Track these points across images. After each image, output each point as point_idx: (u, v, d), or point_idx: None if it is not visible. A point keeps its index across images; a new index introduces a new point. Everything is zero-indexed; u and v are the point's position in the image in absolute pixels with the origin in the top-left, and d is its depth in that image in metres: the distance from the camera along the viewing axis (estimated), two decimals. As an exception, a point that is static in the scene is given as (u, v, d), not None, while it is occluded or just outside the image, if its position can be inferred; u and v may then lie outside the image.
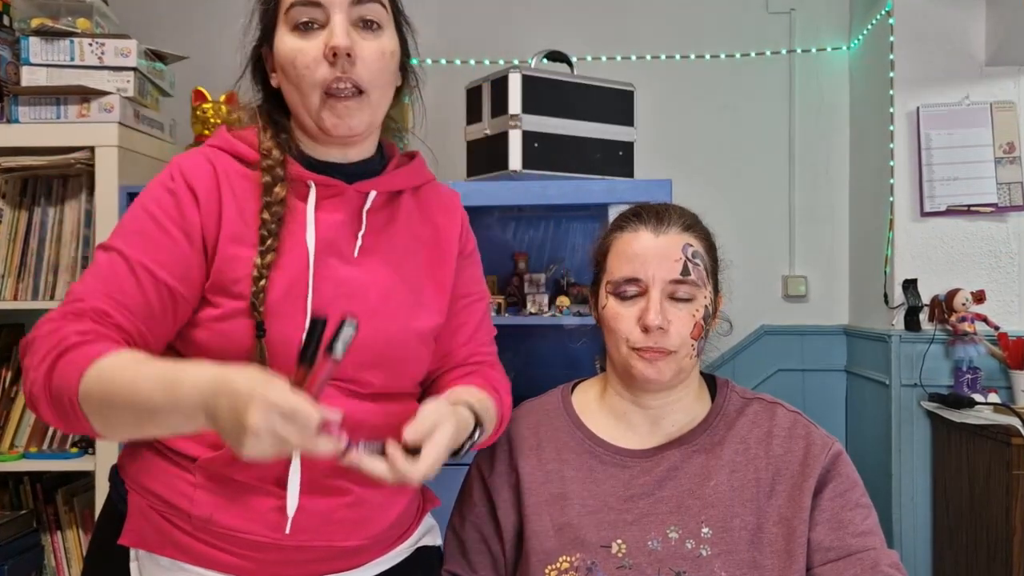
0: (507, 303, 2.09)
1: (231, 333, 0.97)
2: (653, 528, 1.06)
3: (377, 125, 1.07)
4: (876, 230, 2.56)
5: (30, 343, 0.91)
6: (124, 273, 0.94)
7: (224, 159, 1.02)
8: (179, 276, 0.96)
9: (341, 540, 1.01)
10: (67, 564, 2.05)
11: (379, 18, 1.00)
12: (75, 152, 1.93)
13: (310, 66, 0.97)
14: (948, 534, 2.34)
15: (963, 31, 2.41)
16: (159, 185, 1.00)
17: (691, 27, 2.82)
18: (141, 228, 0.97)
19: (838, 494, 1.07)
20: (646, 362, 1.08)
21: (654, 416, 1.14)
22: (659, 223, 1.11)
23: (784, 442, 1.10)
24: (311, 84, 0.98)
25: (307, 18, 0.98)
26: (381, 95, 1.03)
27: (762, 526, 1.06)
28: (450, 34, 2.81)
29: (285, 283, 0.98)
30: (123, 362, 0.86)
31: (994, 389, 2.32)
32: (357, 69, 0.98)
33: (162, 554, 0.99)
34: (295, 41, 0.98)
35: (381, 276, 1.04)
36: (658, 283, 1.08)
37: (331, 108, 0.99)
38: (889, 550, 1.06)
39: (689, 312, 1.08)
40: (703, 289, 1.09)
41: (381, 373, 1.02)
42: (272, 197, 0.99)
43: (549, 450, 1.15)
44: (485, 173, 1.97)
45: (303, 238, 1.00)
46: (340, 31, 0.96)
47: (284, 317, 0.97)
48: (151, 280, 0.95)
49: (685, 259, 1.08)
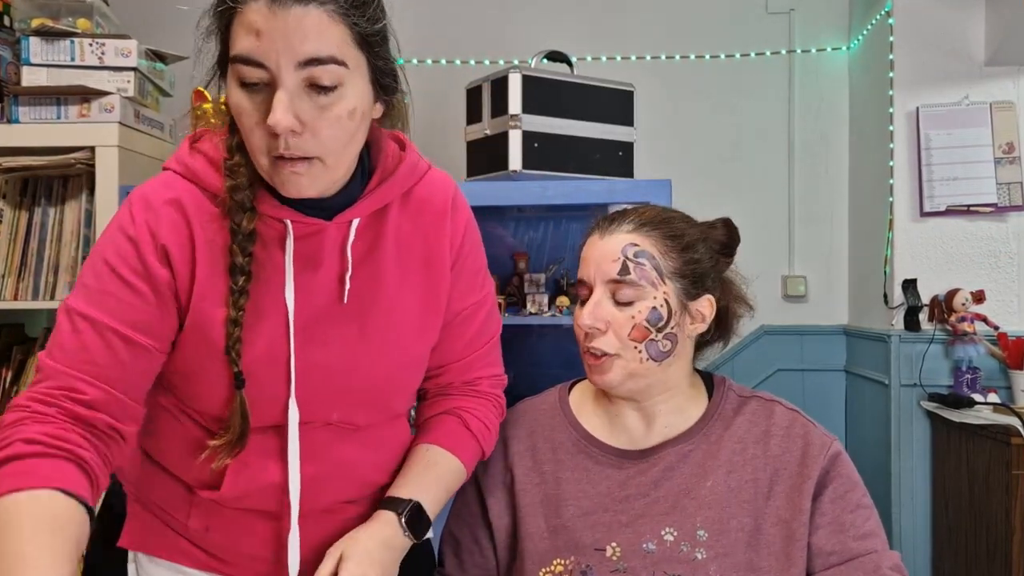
0: (507, 303, 2.10)
1: (209, 372, 0.92)
2: (648, 530, 1.05)
3: (342, 177, 0.93)
4: (876, 230, 2.57)
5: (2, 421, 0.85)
6: (92, 340, 0.87)
7: (191, 193, 0.93)
8: (149, 332, 0.90)
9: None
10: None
11: (335, 79, 0.84)
12: (75, 152, 1.93)
13: (254, 130, 0.85)
14: (948, 534, 2.34)
15: (963, 31, 2.41)
16: (121, 233, 0.91)
17: (691, 27, 2.82)
18: (104, 286, 0.89)
19: (838, 496, 1.06)
20: (591, 368, 1.09)
21: (644, 416, 1.12)
22: (609, 225, 1.10)
23: (782, 441, 1.09)
24: (257, 148, 0.86)
25: (251, 80, 0.83)
26: (339, 156, 0.88)
27: (760, 528, 1.05)
28: (450, 34, 2.81)
29: (265, 346, 0.93)
30: (15, 521, 0.77)
31: (994, 389, 2.32)
32: (304, 140, 0.84)
33: (161, 557, 1.00)
34: (240, 98, 0.85)
35: (371, 316, 0.98)
36: (599, 284, 1.08)
37: (280, 172, 0.86)
38: (891, 551, 1.05)
39: (628, 315, 1.06)
40: (651, 289, 1.06)
41: (370, 411, 1.01)
42: (242, 232, 0.90)
43: (544, 450, 1.14)
44: (485, 173, 1.98)
45: (281, 297, 0.93)
46: (280, 110, 0.81)
47: (265, 379, 0.93)
48: (121, 342, 0.88)
49: (624, 259, 1.06)
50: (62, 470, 0.81)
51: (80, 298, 0.90)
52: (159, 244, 0.90)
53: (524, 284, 2.18)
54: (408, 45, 1.32)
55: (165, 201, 0.91)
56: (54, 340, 0.89)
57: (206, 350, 0.92)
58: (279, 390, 0.93)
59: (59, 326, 0.89)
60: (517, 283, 2.20)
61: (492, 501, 1.14)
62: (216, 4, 0.86)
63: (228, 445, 0.91)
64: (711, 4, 2.82)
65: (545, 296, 2.09)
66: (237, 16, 0.83)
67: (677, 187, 1.82)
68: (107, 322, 0.88)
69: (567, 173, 1.94)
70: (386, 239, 0.99)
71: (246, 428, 0.92)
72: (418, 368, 1.06)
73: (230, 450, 0.92)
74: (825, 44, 2.81)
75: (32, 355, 2.03)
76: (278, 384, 0.93)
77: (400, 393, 1.05)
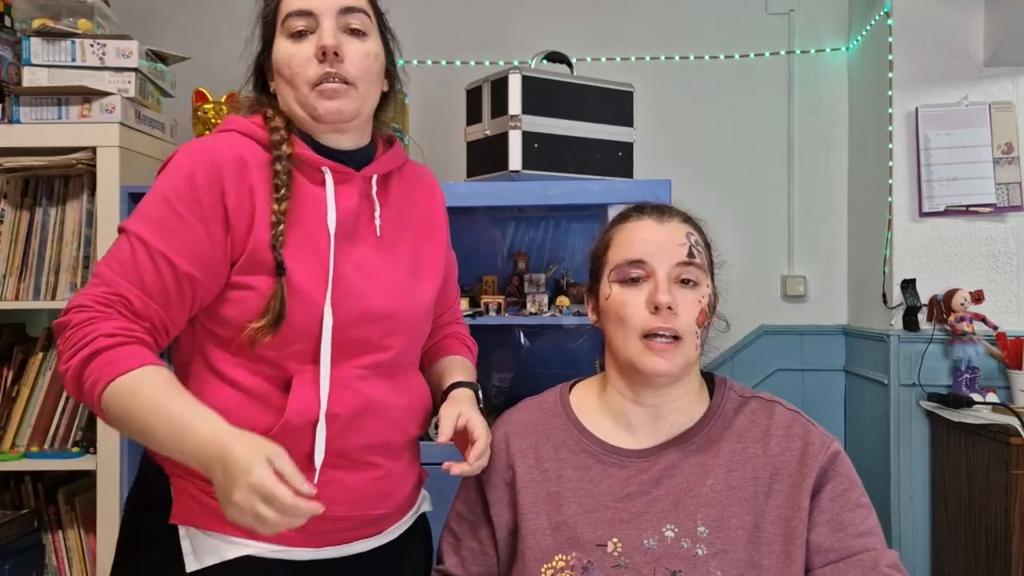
0: (507, 303, 2.10)
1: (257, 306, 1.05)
2: (649, 527, 1.06)
3: (366, 116, 1.17)
4: (875, 230, 2.57)
5: (64, 327, 0.99)
6: (145, 261, 1.02)
7: (241, 141, 1.10)
8: (197, 264, 1.03)
9: (371, 509, 1.13)
10: (68, 563, 2.05)
11: (364, 26, 1.13)
12: (76, 152, 1.94)
13: (304, 64, 1.10)
14: (947, 534, 2.34)
15: (962, 32, 2.42)
16: (178, 172, 1.05)
17: (690, 28, 2.83)
18: (161, 216, 1.04)
19: (837, 494, 1.07)
20: (656, 355, 1.07)
21: (654, 415, 1.13)
22: (661, 213, 1.14)
23: (782, 441, 1.10)
24: (304, 80, 1.10)
25: (301, 26, 1.10)
26: (367, 88, 1.13)
27: (760, 526, 1.06)
28: (450, 34, 2.81)
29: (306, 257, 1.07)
30: (145, 389, 0.95)
31: (993, 389, 2.33)
32: (344, 65, 1.10)
33: (211, 530, 1.07)
34: (290, 46, 1.11)
35: (395, 253, 1.17)
36: (664, 265, 1.08)
37: (324, 92, 1.09)
38: (889, 550, 1.06)
39: (696, 297, 1.09)
40: (706, 277, 1.11)
41: (402, 338, 1.15)
42: (281, 152, 1.09)
43: (546, 448, 1.15)
44: (485, 173, 1.98)
45: (324, 221, 1.09)
46: (328, 34, 1.09)
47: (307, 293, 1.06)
48: (170, 269, 1.02)
49: (690, 245, 1.10)
50: (143, 351, 0.99)
51: (139, 221, 1.04)
52: (214, 177, 1.05)
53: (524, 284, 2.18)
54: (408, 45, 1.33)
55: (224, 149, 1.08)
56: (112, 254, 1.04)
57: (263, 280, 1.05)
58: (318, 295, 1.06)
59: (118, 243, 1.05)
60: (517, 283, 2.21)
61: (494, 498, 1.15)
62: None
63: (267, 326, 1.04)
64: (711, 4, 2.82)
65: (545, 296, 2.10)
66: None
67: (677, 187, 1.82)
68: (159, 247, 1.02)
69: (567, 173, 1.95)
70: (393, 202, 1.20)
71: (282, 311, 1.04)
72: (429, 314, 1.23)
73: (268, 331, 1.04)
74: (824, 44, 2.82)
75: (33, 354, 2.03)
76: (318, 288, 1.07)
77: (420, 330, 1.21)
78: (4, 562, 1.86)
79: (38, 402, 2.01)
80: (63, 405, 2.01)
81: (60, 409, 2.01)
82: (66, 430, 2.01)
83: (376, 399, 1.12)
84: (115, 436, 1.92)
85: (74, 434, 2.01)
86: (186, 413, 0.94)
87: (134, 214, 1.06)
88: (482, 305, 2.05)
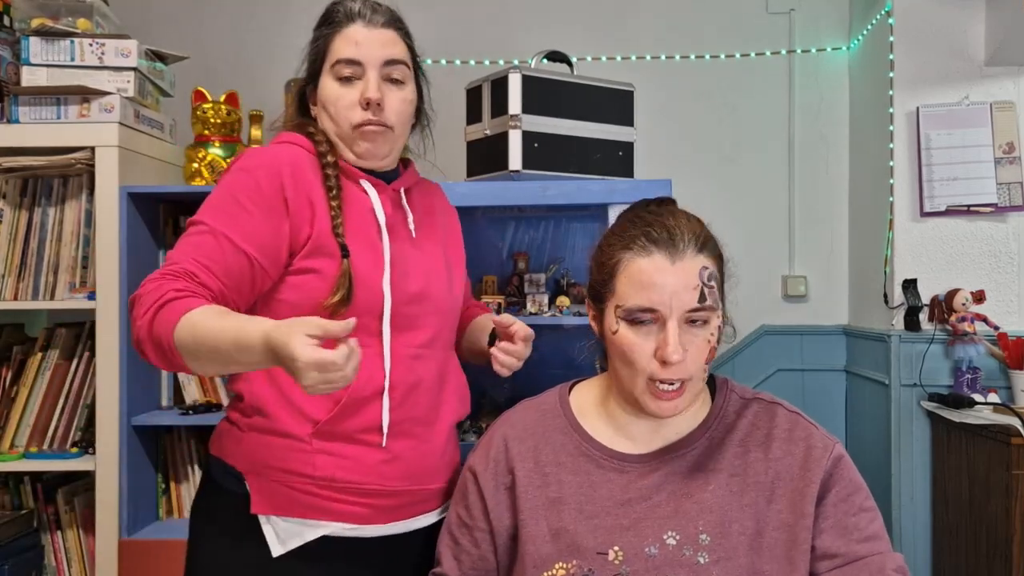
0: (507, 303, 2.09)
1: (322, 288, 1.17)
2: (651, 534, 1.05)
3: (398, 151, 1.33)
4: (876, 230, 2.57)
5: (137, 298, 1.09)
6: (210, 242, 1.14)
7: (294, 150, 1.24)
8: (259, 248, 1.16)
9: (431, 483, 1.26)
10: (67, 564, 2.05)
11: (403, 76, 1.27)
12: (75, 152, 1.93)
13: (349, 108, 1.24)
14: (948, 534, 2.34)
15: (963, 31, 2.41)
16: (240, 170, 1.20)
17: (691, 27, 2.82)
18: (226, 206, 1.17)
19: (842, 499, 1.06)
20: (663, 400, 1.05)
21: (655, 426, 1.12)
22: (673, 246, 1.05)
23: (784, 445, 1.09)
24: (347, 121, 1.25)
25: (348, 73, 1.24)
26: (401, 130, 1.30)
27: (762, 531, 1.05)
28: (450, 34, 2.81)
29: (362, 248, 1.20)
30: (206, 315, 1.04)
31: (994, 389, 2.32)
32: (384, 113, 1.25)
33: (291, 515, 1.18)
34: (337, 88, 1.25)
35: (429, 252, 1.31)
36: (676, 313, 1.03)
37: (364, 135, 1.25)
38: (894, 553, 1.05)
39: (704, 337, 1.05)
40: (718, 310, 1.06)
41: (435, 319, 1.28)
42: (327, 160, 1.23)
43: (546, 452, 1.14)
44: (485, 173, 1.97)
45: (370, 217, 1.24)
46: (373, 87, 1.23)
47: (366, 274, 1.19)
48: (233, 248, 1.14)
49: (702, 285, 1.04)
50: (204, 300, 1.09)
51: (205, 214, 1.17)
52: (277, 181, 1.18)
53: (524, 284, 2.18)
54: (408, 45, 1.33)
55: (281, 153, 1.23)
56: (179, 242, 1.16)
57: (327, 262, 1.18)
58: (376, 276, 1.20)
59: (186, 232, 1.17)
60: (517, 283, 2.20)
61: (493, 503, 1.14)
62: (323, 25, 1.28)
63: (341, 301, 1.16)
64: (711, 4, 2.82)
65: (545, 296, 2.09)
66: (339, 33, 1.26)
67: (677, 187, 1.82)
68: (223, 230, 1.14)
69: (567, 173, 1.94)
70: (418, 207, 1.35)
71: (351, 287, 1.17)
72: (459, 305, 1.37)
73: (342, 304, 1.16)
74: (825, 44, 2.81)
75: (32, 355, 2.03)
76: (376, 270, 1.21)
77: (455, 310, 1.35)
78: (3, 562, 1.86)
79: (37, 402, 2.01)
80: (62, 405, 2.01)
81: (59, 409, 2.01)
82: (65, 430, 2.01)
83: (425, 377, 1.25)
84: (114, 436, 1.92)
85: (73, 434, 2.01)
86: (239, 325, 1.02)
87: (199, 210, 1.18)
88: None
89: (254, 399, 1.20)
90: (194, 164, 2.10)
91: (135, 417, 1.97)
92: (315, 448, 1.18)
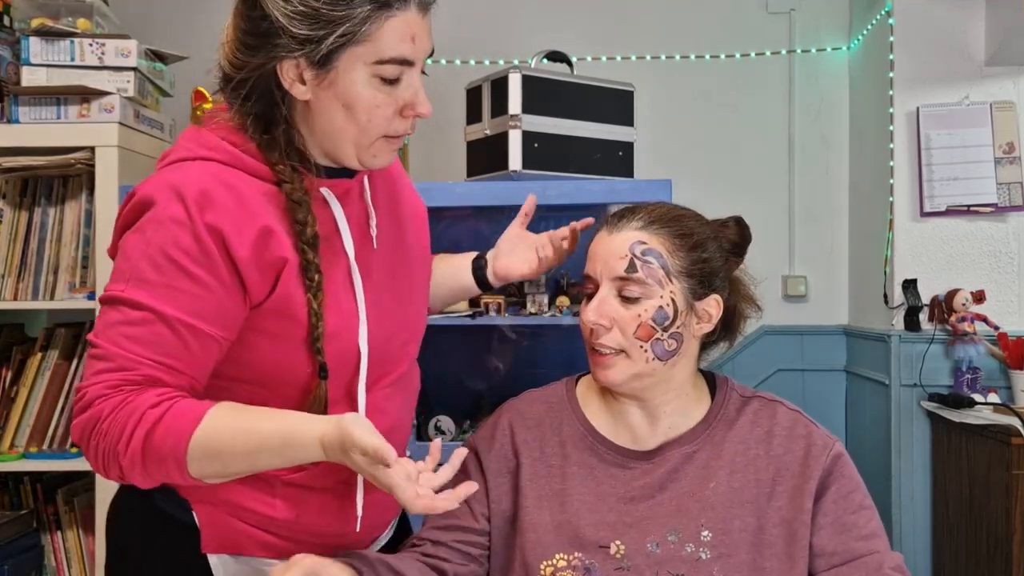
0: (507, 303, 2.09)
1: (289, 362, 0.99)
2: (653, 531, 1.05)
3: None
4: (876, 230, 2.57)
5: (95, 424, 0.89)
6: (167, 335, 0.91)
7: (234, 175, 0.96)
8: (220, 323, 0.94)
9: (390, 515, 1.19)
10: (67, 564, 2.05)
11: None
12: (75, 152, 1.93)
13: (389, 118, 0.98)
14: (948, 534, 2.34)
15: (963, 31, 2.41)
16: (175, 224, 0.92)
17: (691, 27, 2.82)
18: (169, 280, 0.91)
19: (841, 497, 1.06)
20: (599, 368, 1.09)
21: (650, 415, 1.12)
22: (618, 221, 1.10)
23: (784, 442, 1.09)
24: (379, 131, 0.98)
25: (396, 75, 0.96)
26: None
27: (763, 528, 1.05)
28: (450, 34, 2.80)
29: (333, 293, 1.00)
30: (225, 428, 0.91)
31: (994, 389, 2.32)
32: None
33: (245, 554, 1.05)
34: (376, 93, 0.96)
35: (397, 263, 1.12)
36: (605, 281, 1.08)
37: (388, 147, 1.01)
38: (893, 552, 1.05)
39: (635, 313, 1.06)
40: (658, 288, 1.06)
41: (415, 345, 1.18)
42: (304, 224, 0.97)
43: (552, 443, 1.14)
44: (485, 173, 1.98)
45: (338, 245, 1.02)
46: (423, 94, 0.98)
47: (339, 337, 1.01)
48: (193, 334, 0.92)
49: (632, 256, 1.06)
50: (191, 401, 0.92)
51: (142, 290, 0.91)
52: (220, 231, 0.92)
53: (524, 284, 2.18)
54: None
55: (212, 183, 0.94)
56: (120, 331, 0.91)
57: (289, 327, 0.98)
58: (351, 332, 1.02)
59: (119, 314, 0.91)
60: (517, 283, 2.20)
61: (495, 483, 1.13)
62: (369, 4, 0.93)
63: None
64: (711, 4, 2.82)
65: (545, 296, 2.09)
66: (394, 18, 0.93)
67: (677, 187, 1.82)
68: (177, 316, 0.91)
69: (567, 173, 1.94)
70: (382, 191, 1.13)
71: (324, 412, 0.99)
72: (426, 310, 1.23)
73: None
74: (825, 44, 2.81)
75: (32, 355, 2.03)
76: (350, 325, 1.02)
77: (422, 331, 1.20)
78: (3, 562, 1.86)
79: (37, 402, 2.01)
80: (62, 405, 2.01)
81: (59, 410, 2.01)
82: (65, 431, 2.00)
83: (398, 416, 1.13)
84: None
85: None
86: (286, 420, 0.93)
87: (123, 276, 0.92)
88: (482, 305, 2.05)
89: None
90: (194, 164, 2.09)
91: (135, 417, 1.97)
92: (278, 492, 1.04)
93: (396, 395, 1.12)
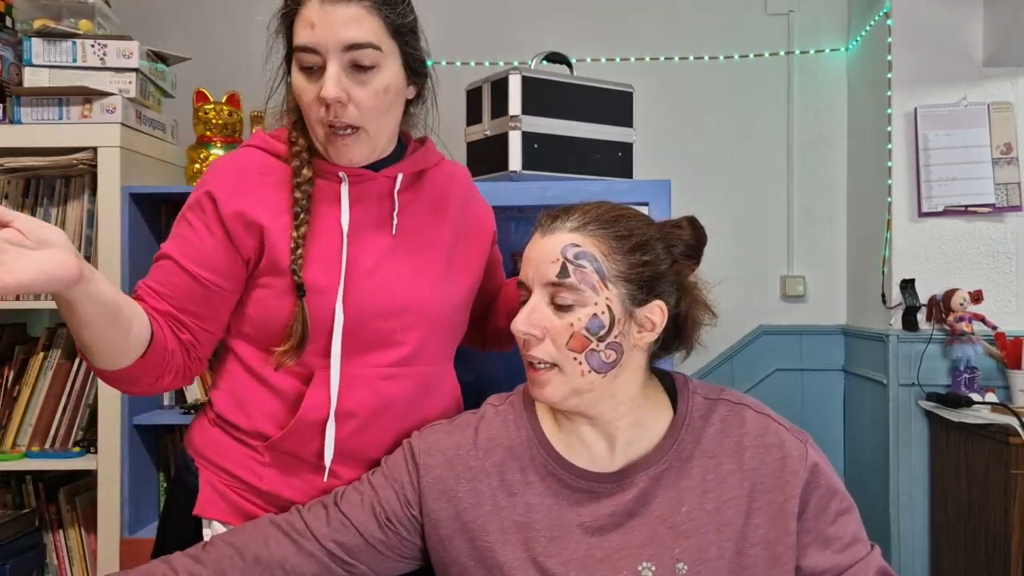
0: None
1: (279, 307, 1.09)
2: (625, 565, 0.98)
3: (384, 146, 1.15)
4: (874, 230, 2.57)
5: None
6: (165, 267, 1.10)
7: (259, 156, 1.13)
8: (213, 270, 1.09)
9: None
10: (69, 563, 2.06)
11: (372, 60, 1.05)
12: (77, 153, 1.94)
13: (311, 106, 1.07)
14: (946, 534, 2.35)
15: (961, 32, 2.42)
16: (200, 191, 1.11)
17: (690, 28, 2.83)
18: (179, 231, 1.12)
19: (821, 509, 1.03)
20: (531, 381, 1.02)
21: (604, 434, 1.04)
22: (551, 222, 1.02)
23: (757, 452, 1.03)
24: (315, 120, 1.08)
25: (309, 63, 1.05)
26: (379, 126, 1.10)
27: (742, 551, 1.00)
28: (450, 34, 2.81)
29: (321, 256, 1.09)
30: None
31: (992, 389, 2.33)
32: (349, 112, 1.05)
33: (231, 522, 1.13)
34: (301, 81, 1.07)
35: (419, 249, 1.16)
36: (537, 287, 1.00)
37: (332, 142, 1.09)
38: (871, 551, 1.04)
39: (567, 322, 0.98)
40: (592, 295, 0.98)
41: (418, 332, 1.14)
42: (301, 178, 1.10)
43: (512, 469, 1.05)
44: (485, 174, 1.98)
45: (338, 220, 1.11)
46: (330, 83, 1.03)
47: (321, 291, 1.09)
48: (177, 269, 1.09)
49: (563, 260, 0.98)
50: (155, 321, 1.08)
51: (167, 242, 1.12)
52: (213, 194, 1.08)
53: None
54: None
55: (230, 165, 1.13)
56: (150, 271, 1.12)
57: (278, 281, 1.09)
58: (333, 294, 1.09)
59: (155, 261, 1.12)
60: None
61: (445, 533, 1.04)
62: (281, 7, 1.09)
63: (291, 350, 1.08)
64: (710, 5, 2.83)
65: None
66: (297, 14, 1.05)
67: (677, 187, 1.83)
68: (180, 259, 1.09)
69: (567, 174, 1.95)
70: (427, 195, 1.20)
71: (306, 334, 1.07)
72: (457, 312, 1.21)
73: (293, 354, 1.08)
74: (824, 45, 2.82)
75: (34, 354, 2.03)
76: (333, 287, 1.09)
77: (444, 327, 1.19)
78: (5, 562, 1.87)
79: (39, 402, 2.01)
80: (64, 405, 2.02)
81: (61, 409, 2.02)
82: (67, 430, 2.01)
83: (399, 400, 1.13)
84: (116, 436, 1.93)
85: (75, 434, 2.02)
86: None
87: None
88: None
89: (219, 407, 1.16)
90: (196, 165, 2.10)
91: (137, 416, 1.98)
92: (267, 460, 1.12)
93: (404, 381, 1.14)
